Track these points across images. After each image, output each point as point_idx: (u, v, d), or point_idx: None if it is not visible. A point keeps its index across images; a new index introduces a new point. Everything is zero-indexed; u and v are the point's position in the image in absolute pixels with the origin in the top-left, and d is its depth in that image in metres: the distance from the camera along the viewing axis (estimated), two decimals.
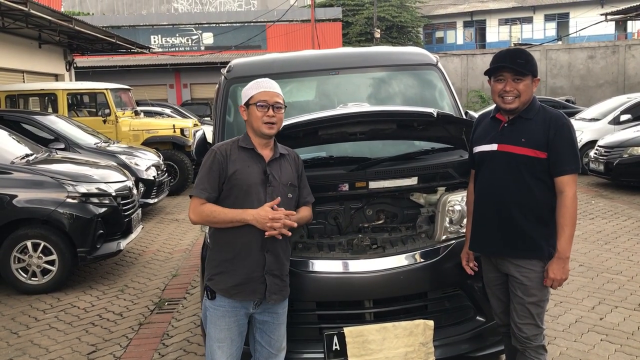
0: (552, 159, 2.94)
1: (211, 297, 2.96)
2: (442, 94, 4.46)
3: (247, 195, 2.88)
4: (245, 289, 2.92)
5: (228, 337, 2.96)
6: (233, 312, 2.95)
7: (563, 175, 2.94)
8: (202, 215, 2.89)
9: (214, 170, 2.89)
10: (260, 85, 2.97)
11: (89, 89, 12.56)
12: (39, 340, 4.94)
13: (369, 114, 3.51)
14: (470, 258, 3.36)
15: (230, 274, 2.92)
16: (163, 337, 4.90)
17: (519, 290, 3.04)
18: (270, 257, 2.94)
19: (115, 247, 6.45)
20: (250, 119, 2.96)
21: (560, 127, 2.95)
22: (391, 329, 3.36)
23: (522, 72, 2.96)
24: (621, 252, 6.80)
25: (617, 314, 4.93)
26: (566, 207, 2.93)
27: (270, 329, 3.08)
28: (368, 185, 3.75)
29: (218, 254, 2.97)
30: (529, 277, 3.01)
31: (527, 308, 3.03)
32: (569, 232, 2.93)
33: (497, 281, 3.22)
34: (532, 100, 3.06)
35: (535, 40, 36.65)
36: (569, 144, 2.96)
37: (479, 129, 3.27)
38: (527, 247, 3.01)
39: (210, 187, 2.89)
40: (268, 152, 3.00)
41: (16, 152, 6.70)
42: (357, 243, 3.62)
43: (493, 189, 3.08)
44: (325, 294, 3.46)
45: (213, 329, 2.97)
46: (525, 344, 3.07)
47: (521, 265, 3.03)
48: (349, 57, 4.68)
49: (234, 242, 2.91)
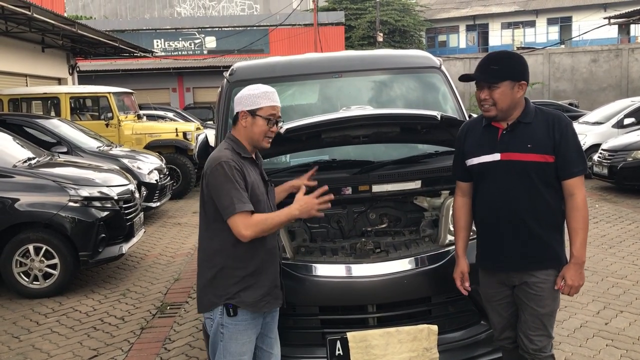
0: (560, 161, 2.86)
1: (233, 314, 2.84)
2: (446, 96, 4.43)
3: (259, 204, 2.82)
4: (270, 299, 2.90)
5: (249, 350, 2.91)
6: (254, 323, 2.90)
7: (572, 178, 2.86)
8: (256, 227, 2.72)
9: (241, 182, 2.75)
10: (270, 97, 2.85)
11: (92, 92, 12.56)
12: (41, 344, 4.91)
13: (372, 117, 3.48)
14: (465, 277, 3.20)
15: (255, 288, 2.83)
16: (165, 342, 4.87)
17: (533, 302, 2.93)
18: (279, 260, 2.95)
19: (118, 251, 6.42)
20: (252, 128, 2.85)
21: (565, 128, 2.88)
22: (395, 334, 3.33)
23: (492, 80, 2.85)
24: (626, 256, 6.76)
25: (623, 319, 4.89)
26: (578, 210, 2.85)
27: (270, 329, 3.06)
28: (371, 188, 3.73)
29: (239, 271, 2.82)
30: (543, 288, 2.91)
31: (540, 319, 2.93)
32: (583, 235, 2.86)
33: (498, 296, 3.09)
34: (526, 103, 2.96)
35: (538, 44, 36.60)
36: (575, 144, 2.89)
37: (469, 139, 3.10)
38: (547, 256, 2.92)
39: (246, 198, 2.74)
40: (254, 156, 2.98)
41: (18, 156, 6.69)
42: (360, 247, 3.59)
43: (503, 200, 2.93)
44: (328, 298, 3.44)
45: (234, 344, 2.86)
46: (535, 356, 2.98)
47: (536, 276, 2.91)
48: (351, 60, 4.65)
49: (259, 253, 2.83)
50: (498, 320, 3.17)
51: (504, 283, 3.05)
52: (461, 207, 3.20)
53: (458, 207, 3.22)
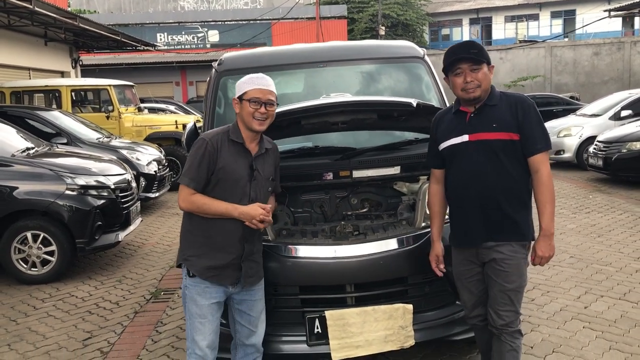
0: (524, 139, 3.01)
1: (191, 275, 3.07)
2: (429, 86, 4.54)
3: (233, 189, 3.00)
4: (220, 274, 3.05)
5: (209, 313, 3.07)
6: (212, 290, 3.06)
7: (537, 154, 3.01)
8: (193, 205, 2.99)
9: (204, 162, 2.96)
10: (254, 81, 3.03)
11: (92, 85, 12.72)
12: (37, 327, 5.07)
13: (350, 104, 3.60)
14: (439, 260, 3.34)
15: (208, 257, 3.03)
16: (157, 325, 5.02)
17: (500, 277, 3.06)
18: (249, 246, 3.07)
19: (114, 238, 6.57)
20: (242, 113, 3.03)
21: (527, 107, 3.04)
22: (371, 313, 3.46)
23: (479, 60, 3.02)
24: (613, 244, 6.87)
25: (602, 303, 5.01)
26: (544, 184, 3.00)
27: (249, 307, 3.20)
28: (352, 174, 3.86)
29: (199, 238, 3.06)
30: (510, 264, 3.04)
31: (508, 295, 3.06)
32: (550, 209, 3.00)
33: (469, 274, 3.22)
34: (492, 87, 3.13)
35: (542, 37, 36.57)
36: (537, 123, 3.04)
37: (442, 126, 3.25)
38: (514, 230, 3.05)
39: (200, 177, 2.97)
40: (255, 147, 3.09)
41: (17, 146, 6.85)
42: (340, 230, 3.72)
43: (472, 179, 3.08)
44: (307, 278, 3.57)
45: (194, 306, 3.08)
46: (502, 330, 3.11)
47: (503, 253, 3.04)
48: (337, 50, 4.77)
49: (217, 231, 3.01)
50: (469, 298, 3.29)
51: (473, 261, 3.18)
52: (435, 193, 3.34)
53: (432, 193, 3.36)
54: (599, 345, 4.21)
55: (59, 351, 4.58)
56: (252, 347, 3.28)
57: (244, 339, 3.25)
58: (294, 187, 3.90)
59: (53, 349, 4.62)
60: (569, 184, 11.31)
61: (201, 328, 3.07)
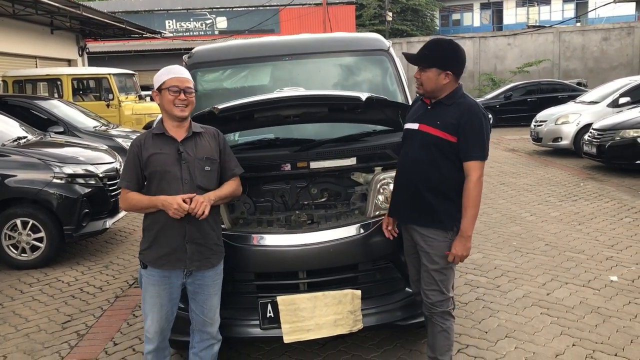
0: (461, 144, 3.19)
1: (144, 267, 3.27)
2: (392, 78, 4.66)
3: (164, 176, 3.16)
4: (170, 259, 3.21)
5: (158, 303, 3.25)
6: (162, 280, 3.24)
7: (469, 161, 3.20)
8: (127, 203, 3.24)
9: (132, 161, 3.21)
10: (171, 71, 3.24)
11: (92, 74, 12.94)
12: (20, 310, 5.29)
13: (299, 98, 3.73)
14: (390, 223, 3.58)
15: (156, 247, 3.21)
16: (134, 309, 5.22)
17: (424, 258, 3.32)
18: (192, 228, 3.19)
19: (101, 225, 6.78)
20: (163, 103, 3.22)
21: (472, 115, 3.20)
22: (321, 298, 3.62)
23: (420, 64, 3.23)
24: (591, 232, 6.95)
25: (565, 290, 5.13)
26: (469, 190, 3.19)
27: (202, 299, 3.35)
28: (309, 165, 4.00)
29: (147, 232, 3.26)
30: (431, 246, 3.28)
31: (432, 275, 3.30)
32: (471, 213, 3.20)
33: (411, 250, 3.48)
34: (455, 90, 3.28)
35: (554, 22, 36.22)
36: (477, 132, 3.19)
37: (413, 108, 3.52)
38: (431, 218, 3.27)
39: (129, 176, 3.21)
40: (182, 133, 3.24)
41: (8, 135, 7.06)
42: (295, 219, 3.88)
43: (408, 164, 3.36)
44: (262, 265, 3.73)
45: (148, 295, 3.27)
46: (431, 310, 3.33)
47: (425, 234, 3.30)
48: (303, 43, 4.89)
49: (158, 218, 3.18)
50: (413, 273, 3.56)
51: (411, 238, 3.42)
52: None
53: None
54: (551, 331, 4.34)
55: (38, 333, 4.80)
56: (207, 334, 3.43)
57: (200, 326, 3.42)
58: (255, 177, 4.04)
59: (33, 331, 4.84)
60: (563, 172, 11.36)
61: (150, 315, 3.27)
